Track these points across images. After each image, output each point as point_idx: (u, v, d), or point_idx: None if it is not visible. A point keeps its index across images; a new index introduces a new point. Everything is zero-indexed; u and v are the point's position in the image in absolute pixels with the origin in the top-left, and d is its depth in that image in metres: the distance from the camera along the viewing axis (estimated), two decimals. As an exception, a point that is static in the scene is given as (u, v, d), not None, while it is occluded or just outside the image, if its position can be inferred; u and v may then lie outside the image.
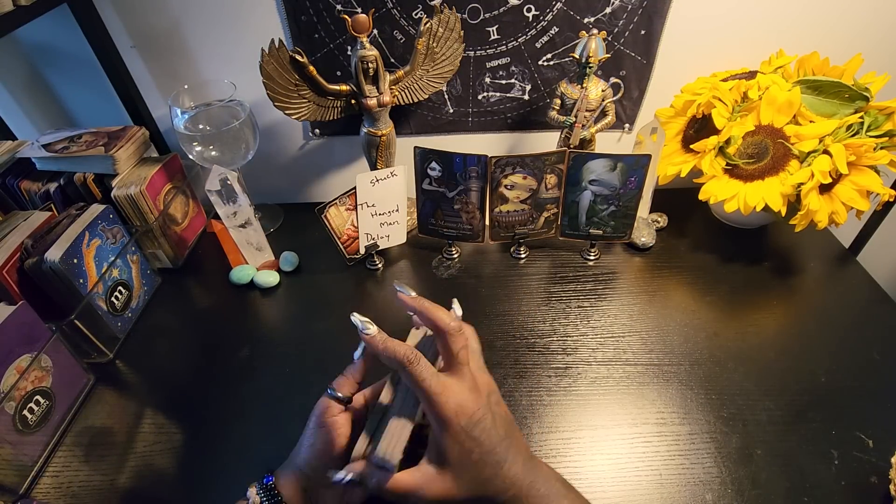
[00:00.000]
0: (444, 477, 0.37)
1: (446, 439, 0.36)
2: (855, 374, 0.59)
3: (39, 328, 0.55)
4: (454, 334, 0.38)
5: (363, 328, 0.39)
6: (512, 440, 0.38)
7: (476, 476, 0.36)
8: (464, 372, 0.38)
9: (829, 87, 0.65)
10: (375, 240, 0.73)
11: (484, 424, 0.36)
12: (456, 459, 0.36)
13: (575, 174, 0.68)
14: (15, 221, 0.61)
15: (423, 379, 0.36)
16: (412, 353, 0.37)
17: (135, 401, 0.60)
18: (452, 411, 0.36)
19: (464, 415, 0.36)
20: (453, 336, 0.38)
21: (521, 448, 0.38)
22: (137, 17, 0.70)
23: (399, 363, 0.37)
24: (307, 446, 0.42)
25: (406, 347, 0.37)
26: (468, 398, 0.36)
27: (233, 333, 0.67)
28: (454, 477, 0.36)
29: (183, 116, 0.68)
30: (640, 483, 0.50)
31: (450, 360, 0.38)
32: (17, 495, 0.51)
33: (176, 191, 0.76)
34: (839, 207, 0.63)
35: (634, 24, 0.69)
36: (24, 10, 0.56)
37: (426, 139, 0.81)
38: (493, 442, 0.36)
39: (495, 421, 0.37)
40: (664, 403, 0.56)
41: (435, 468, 0.37)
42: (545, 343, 0.64)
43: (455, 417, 0.36)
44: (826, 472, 0.50)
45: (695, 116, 0.70)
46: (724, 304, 0.68)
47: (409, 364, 0.36)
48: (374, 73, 0.64)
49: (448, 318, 0.38)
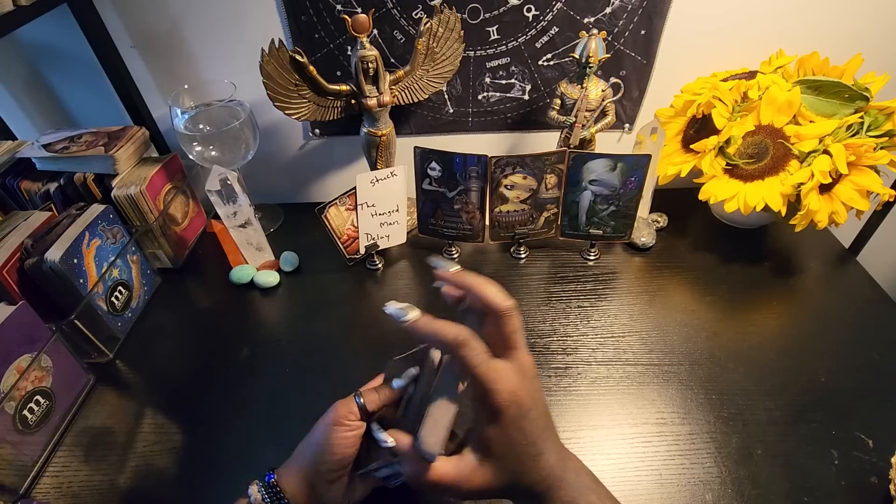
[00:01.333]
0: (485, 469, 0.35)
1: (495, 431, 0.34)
2: (855, 375, 0.59)
3: (39, 328, 0.55)
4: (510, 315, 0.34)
5: (401, 316, 0.35)
6: (550, 430, 0.37)
7: (516, 467, 0.35)
8: (517, 357, 0.35)
9: (829, 87, 0.65)
10: (375, 240, 0.73)
11: (532, 415, 0.34)
12: (500, 451, 0.35)
13: (575, 174, 0.68)
14: (15, 221, 0.61)
15: (477, 364, 0.33)
16: (465, 332, 0.34)
17: (135, 401, 0.60)
18: (506, 402, 0.33)
19: (515, 405, 0.34)
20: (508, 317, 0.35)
21: (556, 438, 0.37)
22: (137, 17, 0.70)
23: (450, 345, 0.33)
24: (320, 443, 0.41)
25: (457, 328, 0.34)
26: (521, 387, 0.34)
27: (233, 333, 0.67)
28: (495, 469, 0.35)
29: (183, 116, 0.68)
30: (640, 483, 0.50)
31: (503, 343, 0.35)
32: (17, 495, 0.51)
33: (176, 191, 0.76)
34: (839, 207, 0.63)
35: (634, 24, 0.69)
36: (24, 10, 0.56)
37: (426, 139, 0.81)
38: (536, 433, 0.35)
39: (539, 411, 0.35)
40: (664, 403, 0.56)
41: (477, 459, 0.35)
42: (545, 343, 0.64)
43: (508, 409, 0.33)
44: (826, 472, 0.50)
45: (695, 116, 0.70)
46: (724, 304, 0.68)
47: (462, 347, 0.33)
48: (374, 73, 0.64)
49: (502, 296, 0.35)
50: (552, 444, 0.36)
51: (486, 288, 0.35)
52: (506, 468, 0.35)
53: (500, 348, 0.35)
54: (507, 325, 0.35)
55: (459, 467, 0.35)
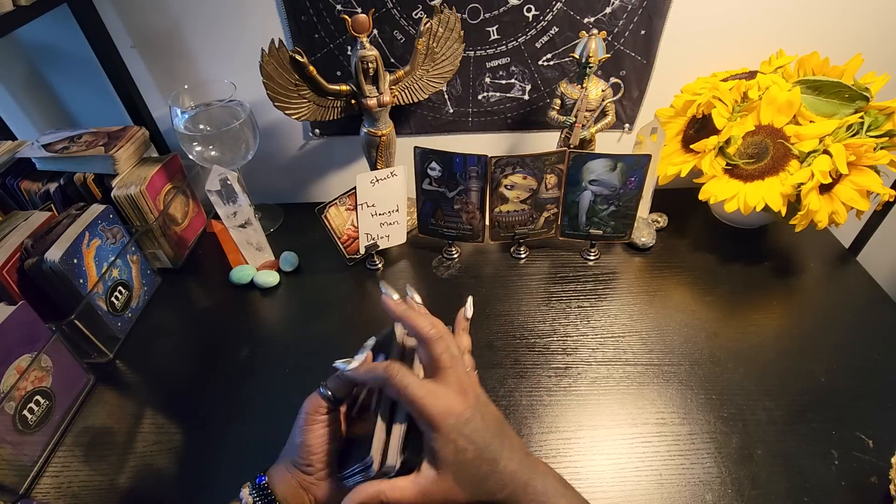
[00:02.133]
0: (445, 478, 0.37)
1: (438, 441, 0.36)
2: (855, 374, 0.59)
3: (39, 328, 0.55)
4: (433, 341, 0.38)
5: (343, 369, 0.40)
6: (504, 438, 0.38)
7: (474, 474, 0.37)
8: (447, 375, 0.38)
9: (829, 87, 0.65)
10: (375, 240, 0.73)
11: (474, 423, 0.37)
12: (452, 459, 0.36)
13: (575, 174, 0.68)
14: (15, 221, 0.61)
15: (405, 385, 0.36)
16: (391, 366, 0.37)
17: (135, 401, 0.60)
18: (439, 413, 0.36)
19: (451, 415, 0.36)
20: (432, 342, 0.38)
21: (516, 446, 0.39)
22: (137, 17, 0.70)
23: (381, 380, 0.37)
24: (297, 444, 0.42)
25: (382, 364, 0.38)
26: (454, 399, 0.37)
27: (233, 333, 0.67)
28: (454, 477, 0.37)
29: (183, 116, 0.68)
30: (640, 483, 0.50)
31: (432, 366, 0.38)
32: (17, 495, 0.51)
33: (176, 191, 0.76)
34: (839, 207, 0.63)
35: (634, 24, 0.69)
36: (24, 10, 0.56)
37: (426, 139, 0.81)
38: (486, 439, 0.37)
39: (485, 420, 0.38)
40: (664, 403, 0.56)
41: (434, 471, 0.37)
42: (545, 343, 0.64)
43: (443, 418, 0.36)
44: (826, 472, 0.50)
45: (695, 116, 0.70)
46: (724, 304, 0.68)
47: (390, 377, 0.37)
48: (374, 73, 0.64)
49: (427, 325, 0.38)
50: (510, 450, 0.38)
51: (414, 319, 0.39)
52: (465, 475, 0.37)
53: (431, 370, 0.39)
54: (434, 349, 0.38)
55: (419, 482, 0.37)
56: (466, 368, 0.42)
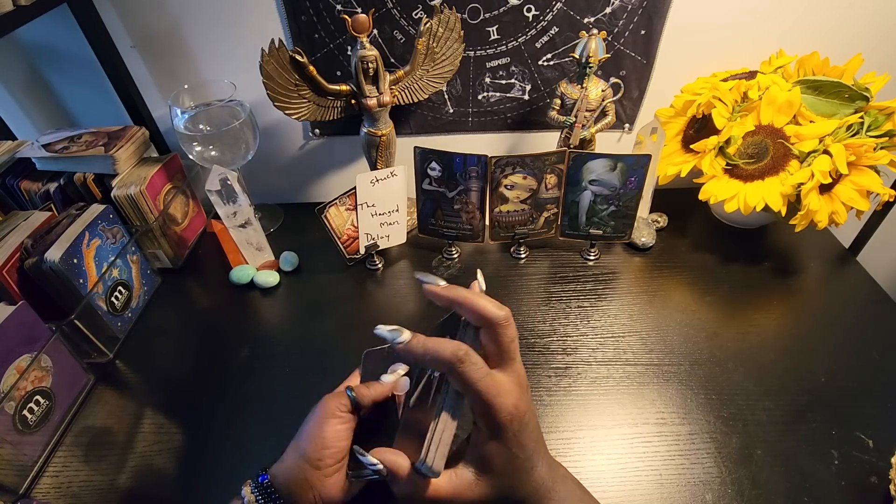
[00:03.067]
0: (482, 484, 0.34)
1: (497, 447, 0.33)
2: (855, 374, 0.59)
3: (39, 328, 0.55)
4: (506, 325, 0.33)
5: (394, 338, 0.34)
6: (542, 441, 0.36)
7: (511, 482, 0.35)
8: (515, 368, 0.34)
9: (829, 87, 0.65)
10: (375, 240, 0.73)
11: (530, 428, 0.34)
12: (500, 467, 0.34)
13: (575, 174, 0.68)
14: (15, 221, 0.61)
15: (478, 378, 0.32)
16: (461, 350, 0.32)
17: (135, 401, 0.60)
18: (509, 416, 0.32)
19: (518, 419, 0.33)
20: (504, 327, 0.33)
21: (546, 449, 0.37)
22: (137, 17, 0.70)
23: (449, 362, 0.32)
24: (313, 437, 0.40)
25: (453, 345, 0.33)
26: (520, 399, 0.33)
27: (233, 333, 0.67)
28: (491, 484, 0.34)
29: (183, 116, 0.68)
30: (640, 483, 0.50)
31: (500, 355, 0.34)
32: (17, 495, 0.51)
33: (176, 191, 0.76)
34: (839, 207, 0.63)
35: (634, 24, 0.69)
36: (24, 10, 0.56)
37: (426, 139, 0.81)
38: (533, 447, 0.34)
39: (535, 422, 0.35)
40: (664, 403, 0.56)
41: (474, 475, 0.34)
42: (545, 343, 0.63)
43: (511, 423, 0.33)
44: (826, 472, 0.50)
45: (695, 116, 0.70)
46: (724, 304, 0.68)
47: (462, 363, 0.32)
48: (374, 73, 0.64)
49: (496, 307, 0.34)
50: (544, 456, 0.36)
51: (478, 301, 0.34)
52: (502, 483, 0.34)
53: (497, 360, 0.34)
54: (505, 336, 0.34)
55: (454, 483, 0.34)
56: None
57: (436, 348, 0.33)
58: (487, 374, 0.32)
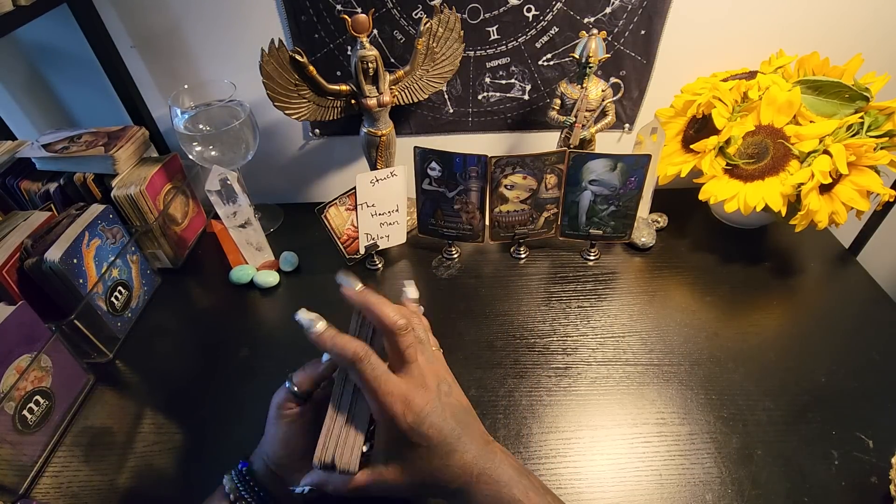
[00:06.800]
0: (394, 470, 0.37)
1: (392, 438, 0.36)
2: (855, 375, 0.59)
3: (39, 328, 0.55)
4: (400, 334, 0.37)
5: (309, 326, 0.38)
6: (464, 429, 0.38)
7: (424, 466, 0.37)
8: (411, 370, 0.37)
9: (829, 87, 0.65)
10: (375, 240, 0.73)
11: (432, 419, 0.36)
12: (402, 454, 0.37)
13: (575, 174, 0.68)
14: (15, 221, 0.61)
15: (372, 378, 0.36)
16: (362, 349, 0.36)
17: (135, 401, 0.60)
18: (400, 411, 0.36)
19: (410, 412, 0.36)
20: (399, 336, 0.37)
21: (475, 436, 0.38)
22: (137, 18, 0.70)
23: (349, 361, 0.36)
24: (269, 438, 0.42)
25: (356, 344, 0.36)
26: (416, 395, 0.36)
27: (233, 333, 0.67)
28: (402, 469, 0.37)
29: (183, 116, 0.68)
30: (640, 483, 0.50)
31: (398, 358, 0.38)
32: (17, 495, 0.51)
33: (176, 191, 0.76)
34: (839, 207, 0.63)
35: (634, 24, 0.69)
36: (24, 10, 0.56)
37: (426, 139, 0.81)
38: (443, 434, 0.36)
39: (444, 412, 0.37)
40: (664, 403, 0.56)
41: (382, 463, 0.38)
42: (545, 343, 0.63)
43: (402, 416, 0.36)
44: (826, 472, 0.50)
45: (695, 116, 0.70)
46: (724, 304, 0.68)
47: (359, 362, 0.36)
48: (374, 73, 0.64)
49: (394, 314, 0.37)
50: (468, 442, 0.37)
51: (380, 308, 0.37)
52: (413, 468, 0.37)
53: (397, 363, 0.38)
54: (401, 342, 0.37)
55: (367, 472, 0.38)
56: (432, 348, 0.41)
57: (342, 344, 0.36)
58: (381, 374, 0.36)
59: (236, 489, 0.41)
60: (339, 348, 0.37)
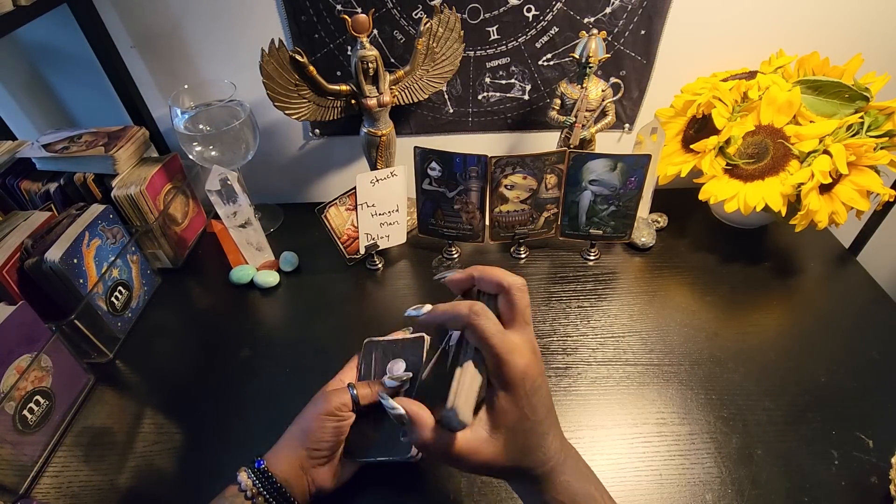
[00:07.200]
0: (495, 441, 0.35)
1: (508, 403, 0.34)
2: (855, 374, 0.59)
3: (39, 328, 0.55)
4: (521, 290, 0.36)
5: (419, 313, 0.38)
6: (554, 414, 0.37)
7: (523, 444, 0.35)
8: (528, 332, 0.36)
9: (829, 87, 0.65)
10: (375, 240, 0.73)
11: (542, 392, 0.35)
12: (511, 424, 0.35)
13: (575, 174, 0.68)
14: (15, 221, 0.61)
15: (492, 334, 0.33)
16: (477, 305, 0.34)
17: (135, 401, 0.60)
18: (520, 374, 0.34)
19: (529, 379, 0.34)
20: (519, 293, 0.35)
21: (559, 425, 0.38)
22: (137, 18, 0.70)
23: (465, 317, 0.34)
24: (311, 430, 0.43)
25: (469, 301, 0.35)
26: (533, 361, 0.35)
27: (233, 333, 0.67)
28: (504, 443, 0.35)
29: (183, 116, 0.68)
30: (640, 483, 0.50)
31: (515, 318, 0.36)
32: (17, 495, 0.51)
33: (176, 191, 0.76)
34: (839, 207, 0.63)
35: (634, 24, 0.69)
36: (24, 10, 0.56)
37: (426, 139, 0.81)
38: (545, 412, 0.35)
39: (547, 390, 0.36)
40: (664, 403, 0.56)
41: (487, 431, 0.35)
42: (545, 343, 0.63)
43: (522, 381, 0.34)
44: (826, 472, 0.50)
45: (695, 116, 0.70)
46: (724, 304, 0.68)
47: (477, 317, 0.34)
48: (374, 73, 0.64)
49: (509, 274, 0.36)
50: (556, 428, 0.37)
51: (495, 270, 0.37)
52: (515, 443, 0.35)
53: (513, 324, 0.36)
54: (520, 300, 0.35)
55: (469, 438, 0.35)
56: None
57: (455, 306, 0.35)
58: (501, 331, 0.34)
59: (254, 486, 0.41)
60: (452, 311, 0.35)
